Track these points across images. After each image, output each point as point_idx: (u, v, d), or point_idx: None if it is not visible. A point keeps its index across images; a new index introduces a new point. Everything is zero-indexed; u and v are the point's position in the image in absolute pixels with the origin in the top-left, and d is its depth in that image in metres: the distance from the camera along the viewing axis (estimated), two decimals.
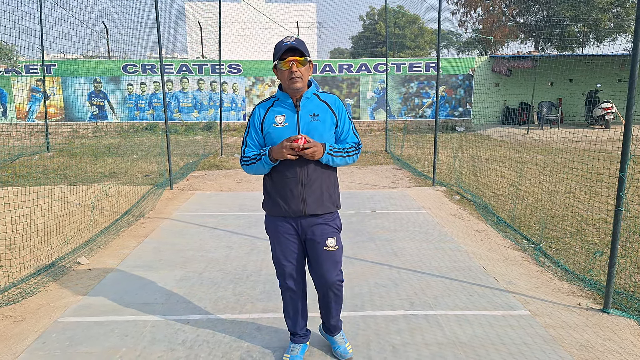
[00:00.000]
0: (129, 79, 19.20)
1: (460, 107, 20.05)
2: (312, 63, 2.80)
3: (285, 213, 2.82)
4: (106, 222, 6.30)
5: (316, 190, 2.79)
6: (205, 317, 3.70)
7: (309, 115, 2.76)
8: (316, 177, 2.78)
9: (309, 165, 2.75)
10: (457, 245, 5.37)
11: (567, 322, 3.60)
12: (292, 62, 2.64)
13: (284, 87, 2.76)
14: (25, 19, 6.17)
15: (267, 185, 2.88)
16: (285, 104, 2.78)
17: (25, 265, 4.68)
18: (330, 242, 2.84)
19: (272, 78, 19.51)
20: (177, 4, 16.72)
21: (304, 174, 2.75)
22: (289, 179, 2.76)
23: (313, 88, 2.83)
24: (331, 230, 2.87)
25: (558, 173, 9.24)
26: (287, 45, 2.62)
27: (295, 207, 2.79)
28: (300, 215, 2.80)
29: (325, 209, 2.84)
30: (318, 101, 2.82)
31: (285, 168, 2.75)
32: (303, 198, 2.78)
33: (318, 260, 2.87)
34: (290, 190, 2.77)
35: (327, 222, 2.86)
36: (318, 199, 2.81)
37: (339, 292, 3.00)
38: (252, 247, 5.36)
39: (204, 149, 13.81)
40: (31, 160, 11.86)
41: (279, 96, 2.81)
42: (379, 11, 40.84)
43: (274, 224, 2.90)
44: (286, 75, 2.68)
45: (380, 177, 9.78)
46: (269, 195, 2.88)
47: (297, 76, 2.66)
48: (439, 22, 8.58)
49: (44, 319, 3.67)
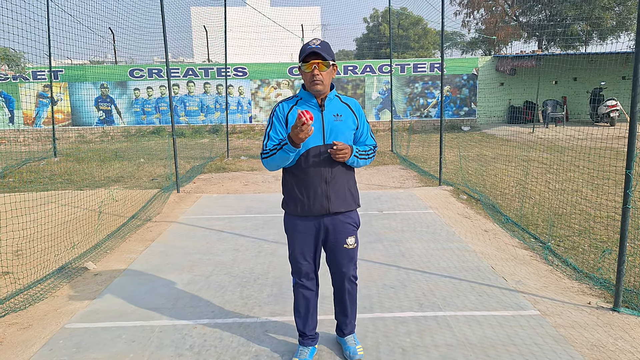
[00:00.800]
0: (136, 84, 19.28)
1: (465, 106, 19.99)
2: (336, 66, 2.88)
3: (308, 212, 2.87)
4: (113, 226, 6.31)
5: (340, 188, 2.89)
6: (212, 321, 3.69)
7: (332, 115, 2.85)
8: (339, 176, 2.88)
9: (332, 165, 2.83)
10: (465, 245, 5.33)
11: (578, 321, 3.56)
12: (314, 65, 2.73)
13: (307, 88, 2.84)
14: (32, 26, 6.21)
15: (289, 184, 2.93)
16: (309, 103, 2.86)
17: (32, 271, 4.69)
18: (350, 241, 2.95)
19: (277, 80, 19.54)
20: (183, 9, 16.79)
21: (328, 172, 2.83)
22: (313, 177, 2.83)
23: (335, 90, 2.93)
24: (351, 229, 2.97)
25: (565, 171, 9.18)
26: (311, 49, 2.71)
27: (320, 205, 2.85)
28: (324, 213, 2.87)
29: (347, 206, 2.93)
30: (340, 103, 2.92)
31: (309, 167, 2.82)
32: (327, 196, 2.85)
33: (336, 257, 2.98)
34: (315, 188, 2.83)
35: (348, 220, 2.95)
36: (341, 196, 2.90)
37: (353, 288, 3.09)
38: (259, 249, 5.35)
39: (210, 152, 13.83)
40: (38, 166, 11.92)
41: (303, 96, 2.88)
42: (383, 13, 40.83)
43: (293, 222, 2.96)
44: (309, 77, 2.77)
45: (387, 177, 9.76)
46: (290, 194, 2.93)
47: (319, 79, 2.75)
48: (442, 23, 8.55)
49: (51, 325, 3.67)
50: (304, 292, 3.05)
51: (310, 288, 3.05)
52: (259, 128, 19.80)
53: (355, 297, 3.15)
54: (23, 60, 18.02)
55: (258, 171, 10.92)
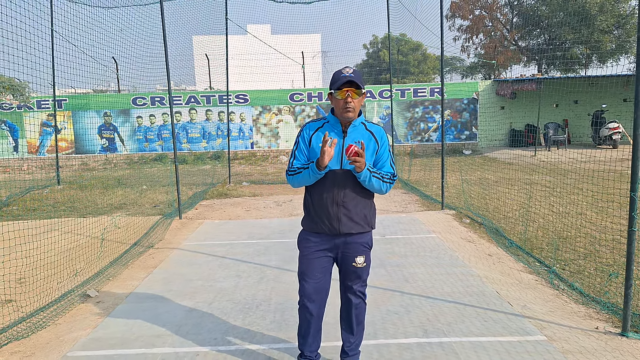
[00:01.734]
0: (139, 112, 19.46)
1: (466, 130, 20.09)
2: (365, 94, 2.99)
3: (321, 230, 2.99)
4: (115, 253, 6.29)
5: (352, 211, 2.97)
6: (215, 348, 3.65)
7: (354, 141, 2.92)
8: (352, 198, 2.96)
9: (346, 188, 2.94)
10: (469, 270, 5.30)
11: (586, 347, 3.52)
12: (347, 93, 2.83)
13: (337, 114, 2.95)
14: (37, 57, 6.30)
15: (308, 203, 3.06)
16: (335, 129, 2.98)
17: (34, 298, 4.66)
18: (359, 260, 3.03)
19: (278, 107, 19.70)
20: (185, 38, 17.04)
21: (340, 195, 2.94)
22: (326, 198, 2.95)
23: (362, 117, 3.04)
24: (362, 249, 3.05)
25: (568, 194, 9.16)
26: (345, 77, 2.82)
27: (330, 225, 2.96)
28: (335, 233, 2.97)
29: (358, 228, 3.00)
30: (364, 130, 3.01)
31: (324, 188, 2.95)
32: (338, 217, 2.95)
33: (345, 273, 3.09)
34: (327, 209, 2.95)
35: (359, 240, 3.03)
36: (353, 219, 2.97)
37: (360, 304, 3.13)
38: (261, 275, 5.32)
39: (212, 178, 13.86)
40: (42, 194, 11.95)
41: (330, 120, 3.02)
42: (382, 39, 41.33)
43: (307, 239, 3.07)
44: (341, 105, 2.87)
45: (389, 201, 9.75)
46: (309, 212, 3.06)
47: (351, 107, 2.86)
48: (442, 49, 8.67)
49: (53, 354, 3.64)
50: (306, 314, 3.07)
51: (312, 310, 3.04)
52: (261, 154, 19.89)
53: (363, 317, 3.18)
54: (27, 89, 18.23)
55: (260, 197, 10.93)
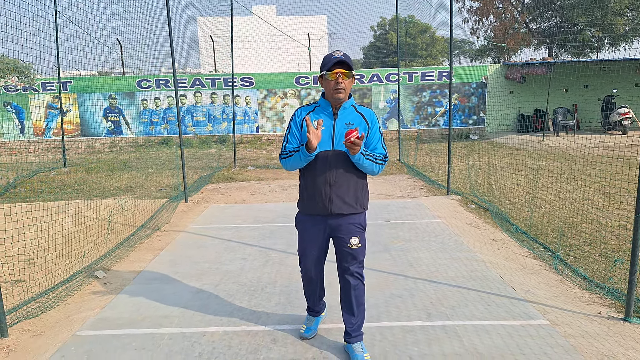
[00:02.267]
0: (144, 94, 19.45)
1: (473, 115, 19.96)
2: (354, 78, 3.07)
3: (315, 211, 3.11)
4: (122, 235, 6.35)
5: (343, 191, 3.04)
6: (221, 329, 3.70)
7: (344, 123, 3.03)
8: (344, 179, 3.04)
9: (338, 168, 3.02)
10: (473, 255, 5.31)
11: (588, 331, 3.54)
12: (338, 74, 2.92)
13: (327, 96, 3.05)
14: (41, 37, 6.28)
15: (301, 184, 3.20)
16: (325, 112, 3.07)
17: (43, 279, 4.73)
18: (353, 241, 3.11)
19: (284, 90, 19.63)
20: (190, 20, 16.96)
21: (332, 176, 3.02)
22: (319, 180, 3.04)
23: (352, 100, 3.12)
24: (355, 230, 3.12)
25: (575, 180, 9.13)
26: (336, 59, 2.91)
27: (322, 206, 3.05)
28: (327, 213, 3.07)
29: (349, 209, 3.08)
30: (355, 112, 3.09)
31: (316, 170, 3.04)
32: (330, 198, 3.04)
33: (341, 255, 3.17)
34: (319, 190, 3.04)
35: (352, 221, 3.12)
36: (343, 199, 3.05)
37: (358, 285, 3.20)
38: (266, 258, 5.36)
39: (217, 162, 13.89)
40: (49, 176, 12.03)
41: (321, 103, 3.11)
42: (390, 21, 40.93)
43: (303, 219, 3.22)
44: (332, 86, 2.96)
45: (394, 186, 9.75)
46: (301, 193, 3.20)
47: (342, 87, 2.95)
48: (451, 31, 8.57)
49: (63, 333, 3.70)
50: (308, 281, 3.35)
51: (313, 278, 3.32)
52: (266, 138, 19.88)
53: (362, 299, 3.24)
54: (32, 71, 18.23)
55: (265, 181, 10.96)
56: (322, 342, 3.45)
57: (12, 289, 4.58)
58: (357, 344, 3.24)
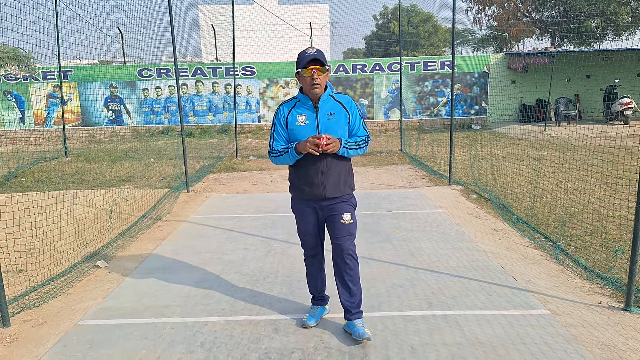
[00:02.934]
0: (145, 84, 19.39)
1: (475, 105, 19.89)
2: (329, 70, 3.24)
3: (309, 196, 3.30)
4: (124, 225, 6.36)
5: (334, 177, 3.26)
6: (223, 318, 3.71)
7: (326, 114, 3.23)
8: (334, 166, 3.25)
9: (327, 157, 3.21)
10: (474, 245, 5.32)
11: (589, 321, 3.55)
12: (313, 70, 3.09)
13: (305, 91, 3.22)
14: (41, 26, 6.25)
15: (293, 174, 3.38)
16: (306, 105, 3.25)
17: (45, 269, 4.74)
18: (346, 217, 3.32)
19: (285, 79, 19.56)
20: (191, 8, 16.83)
21: (323, 164, 3.22)
22: (311, 169, 3.23)
23: (329, 90, 3.29)
24: (347, 207, 3.34)
25: (577, 170, 9.11)
26: (309, 56, 3.08)
27: (317, 192, 3.26)
28: (321, 198, 3.28)
29: (341, 192, 3.31)
30: (333, 102, 3.28)
31: (308, 160, 3.22)
32: (323, 184, 3.25)
33: (335, 231, 3.33)
34: (312, 178, 3.24)
35: (344, 201, 3.34)
36: (336, 184, 3.27)
37: (353, 264, 3.37)
38: (268, 248, 5.37)
39: (219, 152, 13.88)
40: (50, 166, 12.03)
41: (300, 98, 3.27)
42: (392, 10, 40.67)
43: (298, 205, 3.42)
44: (308, 82, 3.14)
45: (396, 177, 9.74)
46: (293, 182, 3.39)
47: (317, 83, 3.13)
48: (453, 20, 8.51)
49: (65, 322, 3.72)
50: (311, 261, 3.54)
51: (316, 258, 3.53)
52: (268, 128, 19.83)
53: (358, 277, 3.41)
54: (33, 60, 18.17)
55: (267, 171, 10.96)
56: (324, 332, 3.47)
57: (13, 278, 4.59)
58: (358, 320, 3.39)
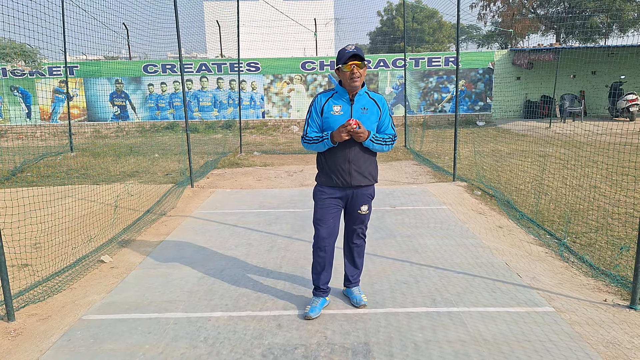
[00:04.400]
0: (150, 79, 19.42)
1: (480, 101, 19.82)
2: (366, 66, 3.45)
3: (335, 184, 3.53)
4: (129, 220, 6.38)
5: (361, 167, 3.51)
6: (226, 314, 3.72)
7: (360, 108, 3.46)
8: (360, 156, 3.50)
9: (355, 148, 3.47)
10: (479, 241, 5.30)
11: (593, 318, 3.53)
12: (353, 65, 3.32)
13: (344, 84, 3.42)
14: (48, 22, 6.25)
15: (322, 162, 3.59)
16: (343, 98, 3.48)
17: (50, 263, 4.76)
18: (363, 208, 3.63)
19: (290, 75, 19.54)
20: (196, 4, 16.86)
21: (351, 153, 3.47)
22: (339, 157, 3.47)
23: (365, 87, 3.53)
24: (367, 199, 3.64)
25: (582, 167, 9.07)
26: (349, 53, 3.31)
27: (343, 179, 3.50)
28: (347, 185, 3.52)
29: (366, 182, 3.56)
30: (368, 98, 3.52)
31: (336, 148, 3.46)
32: (350, 172, 3.49)
33: (352, 219, 3.70)
34: (341, 166, 3.48)
35: (365, 192, 3.61)
36: (362, 173, 3.52)
37: (361, 242, 3.80)
38: (272, 244, 5.37)
39: (223, 147, 13.89)
40: (55, 161, 12.07)
41: (338, 90, 3.50)
42: (397, 6, 40.49)
43: (321, 191, 3.61)
44: (348, 76, 3.36)
45: (400, 172, 9.72)
46: (323, 170, 3.60)
47: (357, 76, 3.35)
48: (458, 16, 8.47)
49: (69, 317, 3.74)
50: (320, 254, 3.64)
51: (326, 249, 3.63)
52: (272, 123, 19.83)
53: (363, 252, 3.86)
54: (39, 56, 18.22)
55: (271, 167, 10.96)
56: (327, 328, 3.47)
57: (18, 273, 4.62)
58: (355, 288, 3.88)
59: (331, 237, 3.62)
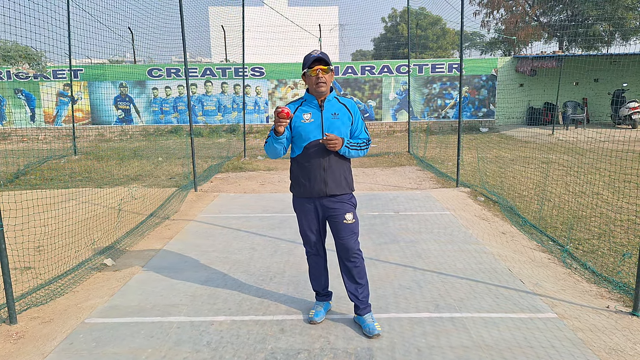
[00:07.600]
0: (154, 83, 19.49)
1: (483, 107, 19.83)
2: (334, 72, 3.43)
3: (310, 194, 3.40)
4: (132, 224, 6.39)
5: (335, 174, 3.38)
6: (229, 318, 3.72)
7: (330, 114, 3.37)
8: (335, 164, 3.37)
9: (329, 156, 3.35)
10: (482, 247, 5.30)
11: (596, 325, 3.52)
12: (318, 70, 3.25)
13: (311, 91, 3.36)
14: (53, 25, 6.29)
15: (295, 170, 3.48)
16: (311, 104, 3.39)
17: (53, 266, 4.77)
18: (348, 216, 3.41)
19: (294, 80, 19.60)
20: (202, 9, 16.92)
21: (325, 162, 3.35)
22: (314, 165, 3.35)
23: (334, 93, 3.44)
24: (348, 207, 3.44)
25: (585, 174, 9.06)
26: (314, 57, 3.25)
27: (318, 188, 3.37)
28: (322, 195, 3.38)
29: (342, 190, 3.41)
30: (338, 103, 3.43)
31: (310, 156, 3.35)
32: (325, 181, 3.36)
33: (339, 232, 3.42)
34: (314, 174, 3.36)
35: (344, 200, 3.43)
36: (336, 181, 3.39)
37: (358, 261, 3.48)
38: (275, 248, 5.37)
39: (227, 152, 13.92)
40: (59, 164, 12.11)
41: (307, 98, 3.41)
42: (401, 13, 40.65)
43: (300, 203, 3.51)
44: (313, 81, 3.29)
45: (403, 178, 9.73)
46: (296, 179, 3.47)
47: (322, 81, 3.28)
48: (462, 23, 8.50)
49: (72, 320, 3.74)
50: (314, 259, 3.62)
51: (319, 255, 3.62)
52: None
53: (364, 271, 3.53)
54: (44, 59, 18.31)
55: (274, 171, 10.97)
56: (330, 333, 3.47)
57: (21, 275, 4.63)
58: (367, 315, 3.52)
59: (319, 242, 3.56)
